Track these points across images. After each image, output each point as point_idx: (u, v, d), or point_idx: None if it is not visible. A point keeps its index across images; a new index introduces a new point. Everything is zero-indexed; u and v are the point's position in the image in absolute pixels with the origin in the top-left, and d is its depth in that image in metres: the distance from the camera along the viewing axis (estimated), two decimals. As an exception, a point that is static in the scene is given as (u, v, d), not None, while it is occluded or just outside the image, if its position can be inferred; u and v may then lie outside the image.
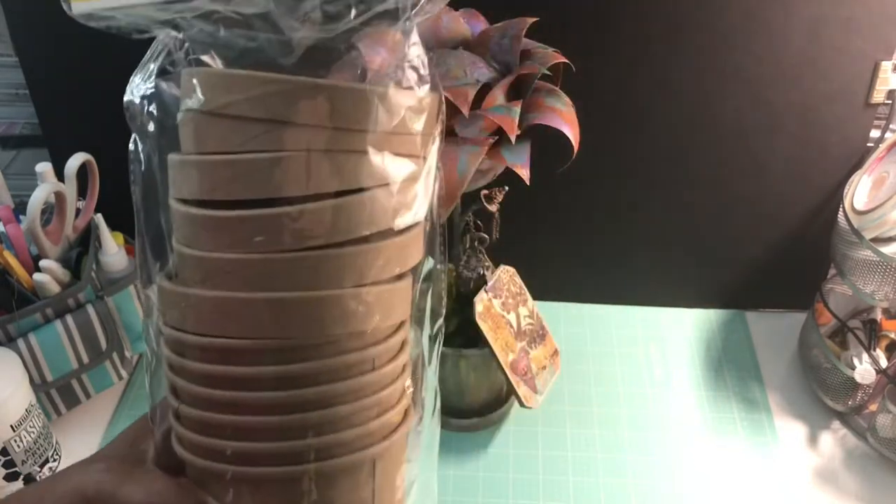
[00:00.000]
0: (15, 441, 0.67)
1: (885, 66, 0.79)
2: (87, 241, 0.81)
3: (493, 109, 0.62)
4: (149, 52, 0.35)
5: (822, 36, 0.78)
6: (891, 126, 0.83)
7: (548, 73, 0.63)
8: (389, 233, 0.34)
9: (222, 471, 0.34)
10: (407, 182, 0.34)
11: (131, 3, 0.32)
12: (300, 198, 0.32)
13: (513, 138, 0.59)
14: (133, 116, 0.35)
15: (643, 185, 0.88)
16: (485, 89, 0.63)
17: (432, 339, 0.40)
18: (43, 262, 0.74)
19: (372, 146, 0.32)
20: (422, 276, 0.37)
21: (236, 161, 0.32)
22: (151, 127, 0.35)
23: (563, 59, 0.65)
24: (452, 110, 0.60)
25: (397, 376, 0.36)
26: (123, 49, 0.92)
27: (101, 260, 0.81)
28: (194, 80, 0.32)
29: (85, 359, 0.78)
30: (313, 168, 0.32)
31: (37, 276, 0.74)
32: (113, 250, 0.81)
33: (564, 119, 0.63)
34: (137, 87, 0.35)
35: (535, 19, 0.66)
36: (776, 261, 0.91)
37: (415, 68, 0.34)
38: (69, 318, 0.75)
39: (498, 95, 0.63)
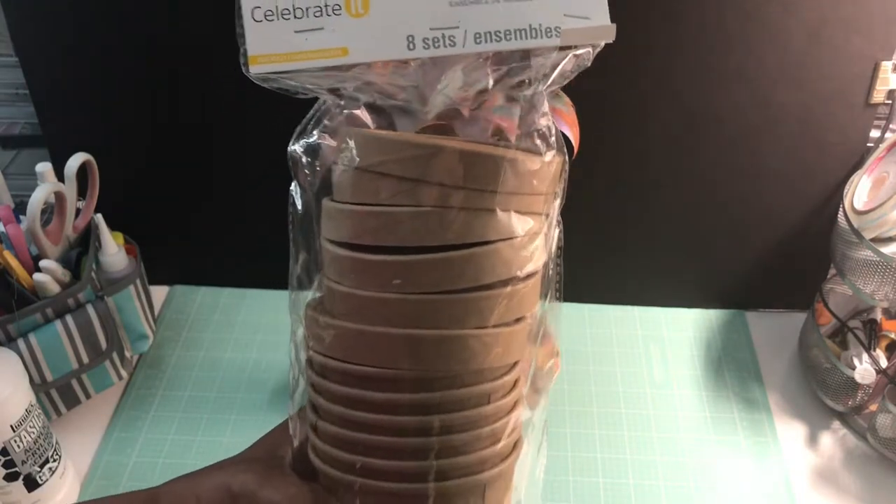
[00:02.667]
0: (15, 441, 0.67)
1: (885, 66, 0.79)
2: (87, 241, 0.81)
3: (493, 110, 0.62)
4: (313, 110, 0.41)
5: (822, 36, 0.78)
6: (891, 126, 0.83)
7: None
8: (511, 281, 0.38)
9: (351, 482, 0.39)
10: (529, 236, 0.38)
11: (300, 69, 0.37)
12: (435, 247, 0.37)
13: (513, 139, 0.59)
14: (295, 166, 0.41)
15: (643, 186, 0.88)
16: (484, 90, 0.63)
17: (543, 376, 0.45)
18: (43, 262, 0.74)
19: (499, 205, 0.37)
20: (538, 319, 0.42)
21: (383, 213, 0.37)
22: (310, 176, 0.41)
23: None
24: (453, 110, 0.60)
25: (510, 410, 0.41)
26: (124, 49, 0.92)
27: (101, 260, 0.81)
28: (350, 141, 0.38)
29: (85, 359, 0.78)
30: (448, 222, 0.37)
31: (37, 276, 0.74)
32: (113, 250, 0.81)
33: (565, 120, 0.63)
34: (302, 141, 0.40)
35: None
36: (776, 261, 0.91)
37: (543, 136, 0.39)
38: (69, 318, 0.75)
39: (498, 96, 0.63)
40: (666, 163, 0.86)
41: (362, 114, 0.39)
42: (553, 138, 0.39)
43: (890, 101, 0.81)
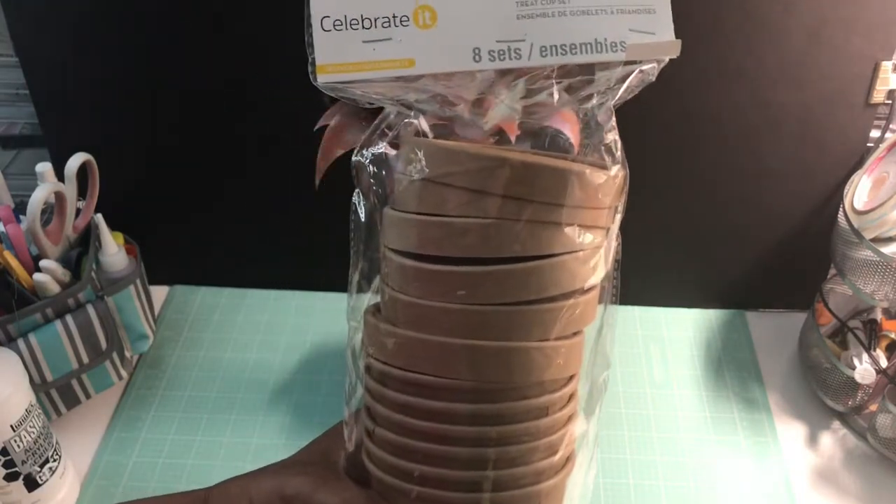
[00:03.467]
0: (15, 441, 0.67)
1: (886, 66, 0.79)
2: (87, 241, 0.81)
3: (493, 109, 0.62)
4: (377, 120, 0.41)
5: (822, 36, 0.78)
6: (891, 126, 0.83)
7: (548, 73, 0.63)
8: (574, 294, 0.39)
9: (408, 490, 0.39)
10: (592, 250, 0.39)
11: (367, 79, 0.38)
12: (499, 259, 0.37)
13: (513, 138, 0.59)
14: (359, 175, 0.41)
15: (643, 185, 0.87)
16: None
17: (597, 388, 0.44)
18: (43, 262, 0.74)
19: (566, 218, 0.37)
20: (597, 331, 0.43)
21: (448, 223, 0.37)
22: (374, 185, 0.41)
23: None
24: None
25: (566, 423, 0.41)
26: (123, 50, 0.92)
27: (101, 260, 0.81)
28: (419, 152, 0.38)
29: (85, 359, 0.78)
30: (514, 235, 0.37)
31: (37, 276, 0.74)
32: (113, 250, 0.81)
33: (565, 119, 0.63)
34: (367, 151, 0.41)
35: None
36: (776, 261, 0.91)
37: (610, 151, 0.40)
38: (69, 318, 0.75)
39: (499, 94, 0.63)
40: (665, 163, 0.86)
41: (422, 123, 0.40)
42: (619, 153, 0.40)
43: (890, 101, 0.81)
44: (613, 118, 0.40)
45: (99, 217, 0.80)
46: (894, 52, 0.79)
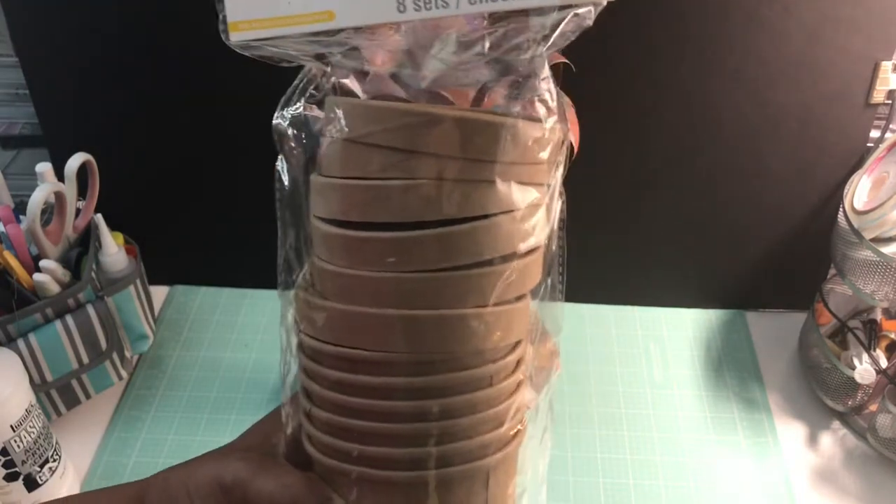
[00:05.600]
0: (15, 441, 0.67)
1: (885, 66, 0.79)
2: (87, 241, 0.81)
3: (494, 108, 0.62)
4: (297, 79, 0.38)
5: (822, 36, 0.78)
6: (891, 126, 0.83)
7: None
8: (512, 256, 0.36)
9: (348, 471, 0.37)
10: (531, 208, 0.36)
11: (281, 35, 0.35)
12: (430, 222, 0.34)
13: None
14: (280, 139, 0.38)
15: (643, 185, 0.88)
16: (485, 89, 0.63)
17: (548, 356, 0.42)
18: (43, 263, 0.74)
19: (499, 175, 0.35)
20: (540, 296, 0.40)
21: (373, 186, 0.35)
22: (296, 149, 0.38)
23: (564, 60, 0.65)
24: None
25: (513, 392, 0.39)
26: (124, 50, 0.92)
27: (101, 260, 0.81)
28: (338, 111, 0.35)
29: (85, 359, 0.78)
30: (443, 195, 0.34)
31: (37, 276, 0.74)
32: (113, 250, 0.81)
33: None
34: (286, 112, 0.38)
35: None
36: (776, 261, 0.91)
37: (544, 101, 0.37)
38: (69, 319, 0.75)
39: (498, 95, 0.63)
40: (666, 163, 0.86)
41: (351, 82, 0.37)
42: (554, 104, 0.37)
43: (890, 101, 0.81)
44: (547, 67, 0.37)
45: (99, 217, 0.80)
46: (894, 52, 0.79)
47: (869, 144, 0.84)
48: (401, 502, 0.37)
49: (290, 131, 0.38)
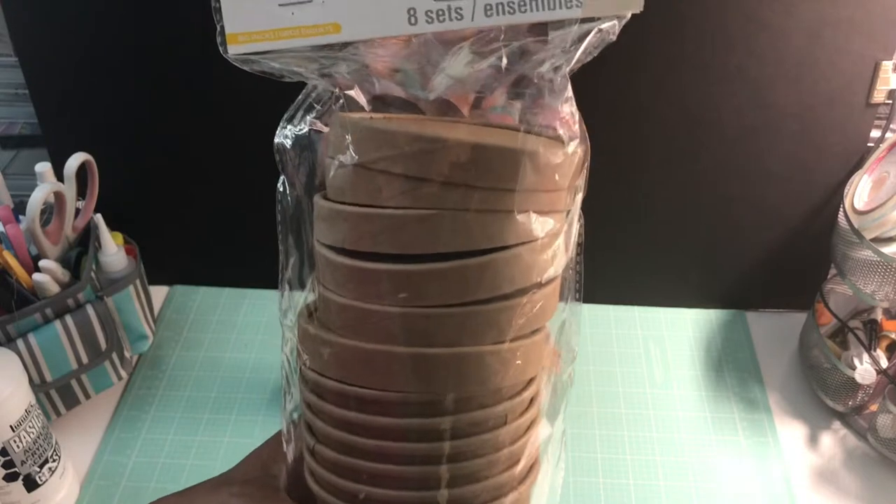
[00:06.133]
0: (14, 441, 0.67)
1: (886, 66, 0.79)
2: (86, 241, 0.81)
3: (493, 109, 0.62)
4: (300, 97, 0.36)
5: (822, 36, 0.77)
6: (891, 126, 0.83)
7: (548, 73, 0.63)
8: (531, 289, 0.34)
9: None
10: (550, 238, 0.34)
11: (285, 48, 0.33)
12: (445, 255, 0.32)
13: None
14: (283, 159, 0.36)
15: (643, 185, 0.88)
16: (485, 90, 0.63)
17: (562, 385, 0.40)
18: (42, 263, 0.74)
19: (518, 204, 0.33)
20: (559, 327, 0.38)
21: (385, 215, 0.32)
22: (300, 170, 0.36)
23: (563, 59, 0.65)
24: (453, 110, 0.59)
25: (527, 429, 0.37)
26: (124, 49, 0.92)
27: (100, 260, 0.81)
28: (347, 134, 0.33)
29: (84, 359, 0.78)
30: (459, 226, 0.32)
31: (36, 276, 0.73)
32: (112, 250, 0.81)
33: (565, 120, 0.63)
34: (288, 130, 0.36)
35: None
36: (776, 261, 0.91)
37: (566, 124, 0.34)
38: (69, 319, 0.75)
39: (498, 95, 0.63)
40: (666, 163, 0.86)
41: (356, 93, 0.35)
42: (577, 126, 0.35)
43: (890, 101, 0.81)
44: (569, 86, 0.35)
45: (98, 217, 0.80)
46: (894, 52, 0.79)
47: (869, 144, 0.84)
48: None
49: (292, 151, 0.36)
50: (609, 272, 0.94)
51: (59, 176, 0.78)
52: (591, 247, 0.98)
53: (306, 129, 0.36)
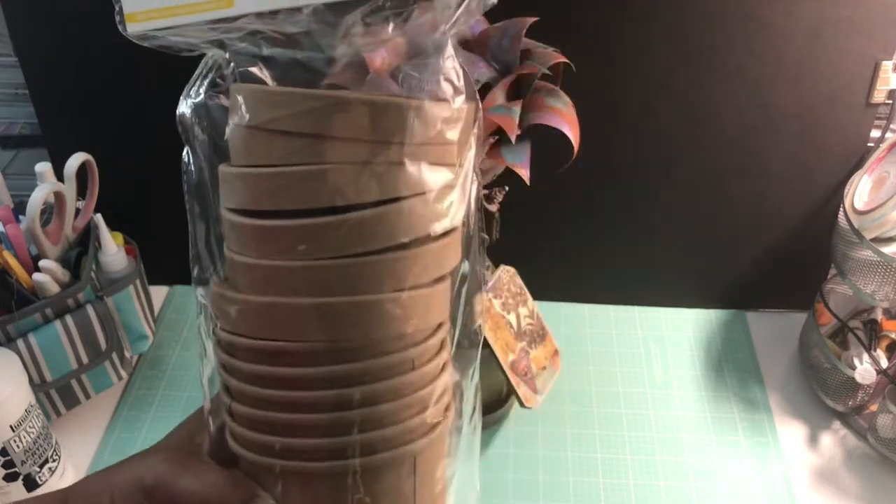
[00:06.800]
0: (14, 441, 0.67)
1: (886, 66, 0.79)
2: (86, 241, 0.81)
3: (493, 109, 0.62)
4: (199, 67, 0.38)
5: (822, 36, 0.77)
6: (891, 126, 0.83)
7: (548, 73, 0.63)
8: (427, 239, 0.35)
9: (272, 465, 0.36)
10: (443, 190, 0.36)
11: (180, 24, 0.34)
12: (341, 207, 0.34)
13: (513, 138, 0.59)
14: (185, 129, 0.37)
15: (643, 185, 0.88)
16: (485, 89, 0.63)
17: (468, 337, 0.41)
18: (42, 263, 0.74)
19: (408, 157, 0.34)
20: (459, 279, 0.39)
21: (280, 174, 0.34)
22: (202, 139, 0.38)
23: (563, 59, 0.65)
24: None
25: (437, 375, 0.38)
26: (124, 49, 0.92)
27: (100, 260, 0.81)
28: (239, 97, 0.35)
29: (84, 359, 0.78)
30: (352, 180, 0.34)
31: (36, 276, 0.74)
32: (112, 250, 0.81)
33: (564, 119, 0.63)
34: (189, 101, 0.37)
35: (535, 19, 0.66)
36: (776, 261, 0.91)
37: (450, 80, 0.36)
38: (69, 319, 0.75)
39: (498, 95, 0.63)
40: (666, 162, 0.86)
41: (259, 71, 0.36)
42: (461, 83, 0.36)
43: (890, 101, 0.81)
44: (450, 45, 0.36)
45: (98, 217, 0.80)
46: (894, 52, 0.79)
47: (869, 144, 0.84)
48: (327, 493, 0.37)
49: (193, 120, 0.37)
50: (609, 272, 0.94)
51: (59, 176, 0.78)
52: (591, 247, 0.99)
53: (203, 99, 0.37)
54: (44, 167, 0.77)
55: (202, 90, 0.37)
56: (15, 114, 0.93)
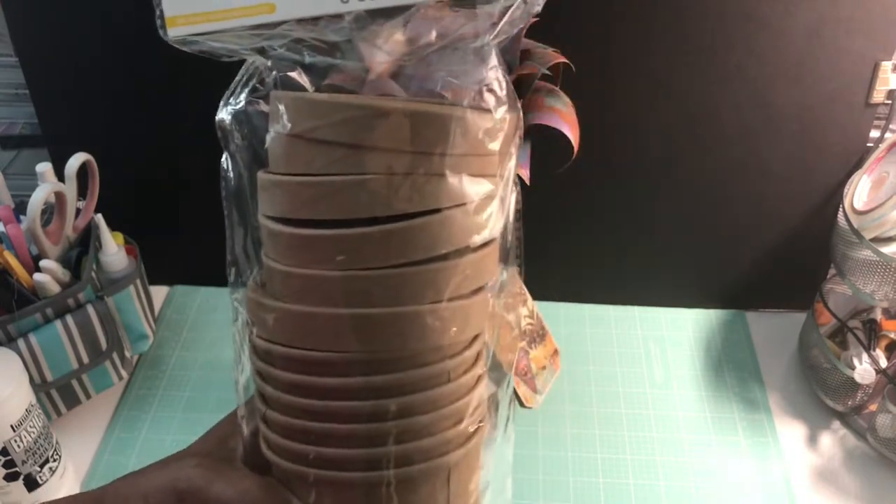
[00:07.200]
0: (15, 441, 0.67)
1: (885, 66, 0.79)
2: (87, 241, 0.81)
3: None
4: (240, 73, 0.37)
5: (822, 36, 0.78)
6: (891, 126, 0.83)
7: (548, 73, 0.63)
8: (466, 250, 0.35)
9: (306, 474, 0.36)
10: (484, 201, 0.35)
11: (222, 28, 0.34)
12: (380, 218, 0.34)
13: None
14: (224, 135, 0.37)
15: (643, 185, 0.88)
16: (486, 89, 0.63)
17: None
18: (43, 262, 0.74)
19: (449, 168, 0.34)
20: (498, 288, 0.39)
21: (319, 183, 0.34)
22: (241, 145, 0.38)
23: (563, 59, 0.65)
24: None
25: (472, 387, 0.38)
26: (124, 49, 0.92)
27: (101, 260, 0.81)
28: (280, 105, 0.34)
29: (85, 359, 0.78)
30: (393, 190, 0.33)
31: (37, 276, 0.74)
32: (113, 250, 0.81)
33: (564, 119, 0.63)
34: (229, 107, 0.37)
35: (535, 19, 0.66)
36: (776, 261, 0.91)
37: (492, 91, 0.36)
38: (69, 318, 0.75)
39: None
40: (666, 163, 0.86)
41: (299, 76, 0.36)
42: (504, 93, 0.36)
43: (890, 101, 0.81)
44: (494, 55, 0.36)
45: (99, 217, 0.80)
46: (894, 52, 0.79)
47: (869, 144, 0.84)
48: (361, 503, 0.37)
49: (233, 127, 0.37)
50: (609, 272, 0.94)
51: (60, 176, 0.78)
52: (591, 247, 0.99)
53: (243, 105, 0.37)
54: (44, 167, 0.77)
55: (242, 96, 0.37)
56: (15, 114, 0.93)
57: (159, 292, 0.96)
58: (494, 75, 0.36)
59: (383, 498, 0.36)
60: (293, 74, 0.36)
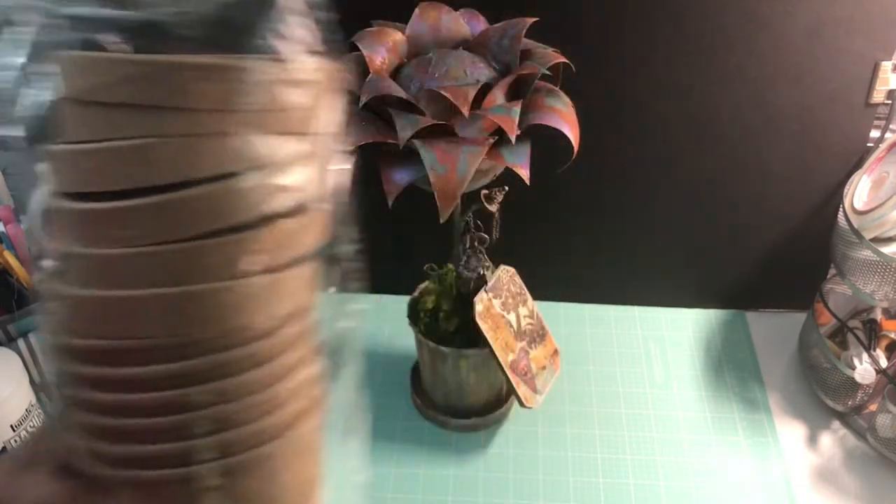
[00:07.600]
0: (15, 441, 0.67)
1: (885, 66, 0.79)
2: (87, 241, 0.81)
3: (493, 109, 0.62)
4: (26, 35, 0.33)
5: (822, 36, 0.78)
6: (891, 126, 0.83)
7: (548, 73, 0.63)
8: (272, 217, 0.31)
9: (113, 476, 0.33)
10: (289, 162, 0.31)
11: None
12: (166, 186, 0.30)
13: (513, 138, 0.59)
14: (3, 104, 0.33)
15: (643, 185, 0.88)
16: (485, 89, 0.63)
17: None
18: (43, 263, 0.74)
19: (242, 126, 0.30)
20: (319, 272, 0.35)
21: (100, 150, 0.30)
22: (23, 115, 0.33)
23: (563, 59, 0.65)
24: (452, 110, 0.60)
25: (293, 368, 0.34)
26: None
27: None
28: (57, 67, 0.30)
29: (85, 359, 0.78)
30: (180, 154, 0.29)
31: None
32: (113, 250, 0.81)
33: (564, 119, 0.63)
34: (10, 73, 0.32)
35: (535, 19, 0.66)
36: (776, 261, 0.91)
37: (292, 37, 0.31)
38: (69, 318, 0.75)
39: (498, 95, 0.63)
40: (666, 163, 0.86)
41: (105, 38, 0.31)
42: (310, 39, 0.32)
43: (890, 101, 0.81)
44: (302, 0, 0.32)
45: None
46: (894, 52, 0.79)
47: (869, 144, 0.84)
48: (178, 502, 0.33)
49: (15, 95, 0.32)
50: (609, 272, 0.94)
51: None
52: (591, 247, 0.99)
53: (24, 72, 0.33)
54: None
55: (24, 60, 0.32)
56: (15, 114, 0.93)
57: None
58: (295, 19, 0.31)
59: (204, 493, 0.33)
60: (100, 37, 0.31)
